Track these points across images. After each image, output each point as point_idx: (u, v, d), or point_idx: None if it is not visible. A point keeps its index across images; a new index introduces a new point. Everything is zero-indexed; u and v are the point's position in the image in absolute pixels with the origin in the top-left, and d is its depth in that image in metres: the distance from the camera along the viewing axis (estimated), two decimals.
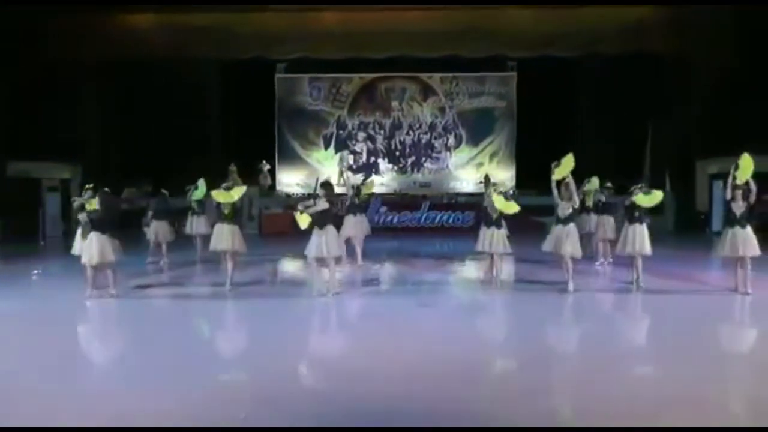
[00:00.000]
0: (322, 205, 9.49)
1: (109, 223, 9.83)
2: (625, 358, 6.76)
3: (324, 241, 9.45)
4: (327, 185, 9.85)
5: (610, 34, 19.45)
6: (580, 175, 12.75)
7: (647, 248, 10.22)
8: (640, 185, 10.80)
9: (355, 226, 13.61)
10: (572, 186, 9.88)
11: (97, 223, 9.59)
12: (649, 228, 10.41)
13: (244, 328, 8.63)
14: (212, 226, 11.12)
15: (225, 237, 10.30)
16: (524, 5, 19.55)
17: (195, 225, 13.85)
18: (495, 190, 10.61)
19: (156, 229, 13.40)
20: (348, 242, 14.01)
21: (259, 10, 19.38)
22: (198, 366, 6.34)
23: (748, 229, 9.60)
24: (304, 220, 9.43)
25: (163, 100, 21.18)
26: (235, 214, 10.51)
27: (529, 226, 13.37)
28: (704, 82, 20.17)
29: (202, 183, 13.37)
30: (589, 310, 9.46)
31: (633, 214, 10.34)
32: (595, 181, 13.07)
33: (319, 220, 9.53)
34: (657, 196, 10.39)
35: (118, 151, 20.61)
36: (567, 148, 20.61)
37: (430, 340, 7.33)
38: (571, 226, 9.90)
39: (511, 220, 10.87)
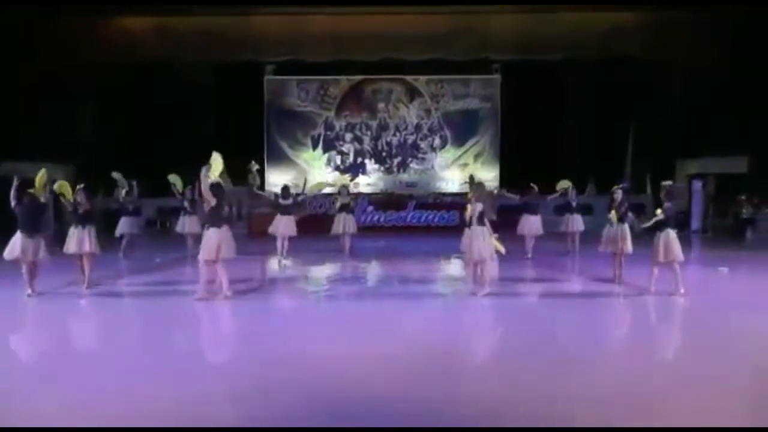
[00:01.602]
0: (211, 200, 9.40)
1: (33, 223, 9.86)
2: (613, 355, 6.95)
3: (209, 243, 9.39)
4: (217, 186, 9.70)
5: (592, 38, 19.79)
6: (560, 175, 13.16)
7: (629, 246, 10.56)
8: (621, 185, 11.13)
9: (343, 224, 14.27)
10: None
11: (21, 222, 9.73)
12: (631, 227, 10.72)
13: (232, 327, 8.71)
14: (203, 225, 11.26)
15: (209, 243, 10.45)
16: (508, 8, 19.84)
17: (187, 224, 14.10)
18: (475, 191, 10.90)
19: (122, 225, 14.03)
20: (338, 239, 14.44)
21: (249, 14, 19.56)
22: (183, 365, 6.44)
23: (668, 233, 9.77)
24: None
25: (155, 102, 21.40)
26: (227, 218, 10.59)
27: (512, 225, 13.72)
28: (683, 84, 20.61)
29: (173, 177, 14.02)
30: (571, 307, 9.67)
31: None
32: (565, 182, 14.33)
33: (211, 219, 9.52)
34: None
35: (110, 152, 20.71)
36: (549, 148, 21.17)
37: (414, 338, 7.43)
38: (475, 228, 9.78)
39: (495, 220, 11.14)
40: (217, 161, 9.80)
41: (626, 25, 19.76)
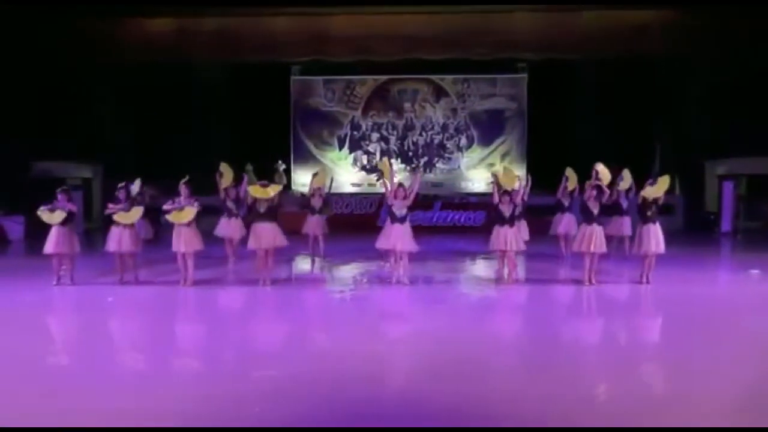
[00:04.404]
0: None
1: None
2: (637, 355, 6.94)
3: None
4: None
5: (619, 36, 19.57)
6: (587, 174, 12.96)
7: (661, 247, 10.50)
8: (650, 182, 11.01)
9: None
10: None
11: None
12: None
13: (255, 324, 8.85)
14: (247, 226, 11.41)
15: (265, 235, 10.42)
16: (535, 6, 19.74)
17: (230, 227, 12.73)
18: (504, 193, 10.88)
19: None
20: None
21: (275, 15, 19.68)
22: (209, 361, 6.64)
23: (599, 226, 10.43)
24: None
25: (182, 102, 21.62)
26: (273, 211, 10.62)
27: (540, 225, 13.65)
28: (713, 82, 20.32)
29: (224, 167, 12.94)
30: (598, 305, 9.71)
31: (646, 213, 10.57)
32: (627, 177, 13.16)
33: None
34: (663, 182, 10.61)
35: (137, 152, 21.00)
36: (576, 148, 21.00)
37: (441, 338, 7.49)
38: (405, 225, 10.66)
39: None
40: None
41: (654, 24, 19.52)
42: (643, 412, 5.03)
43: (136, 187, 12.15)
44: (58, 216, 10.40)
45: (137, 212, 10.72)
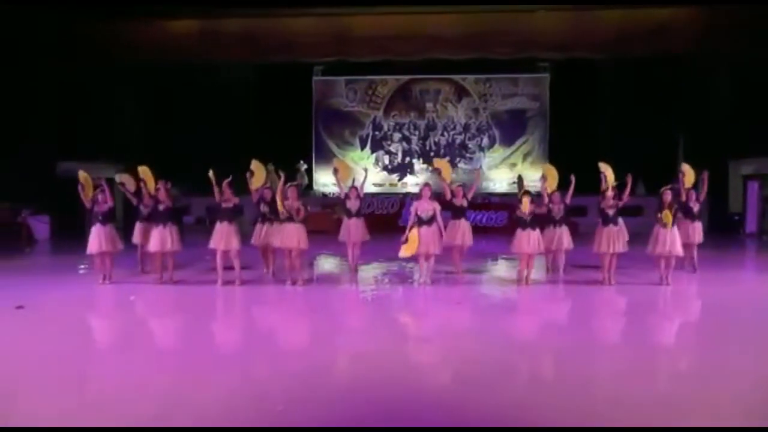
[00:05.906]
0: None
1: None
2: (648, 356, 6.88)
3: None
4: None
5: (641, 35, 19.39)
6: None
7: (679, 248, 10.40)
8: (670, 185, 10.93)
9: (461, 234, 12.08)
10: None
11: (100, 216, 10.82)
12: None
13: (280, 325, 8.87)
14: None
15: (290, 235, 10.40)
16: (557, 6, 19.65)
17: (269, 234, 11.34)
18: (524, 193, 10.88)
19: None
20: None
21: (297, 16, 19.77)
22: (232, 359, 6.72)
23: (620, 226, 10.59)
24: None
25: (204, 103, 21.84)
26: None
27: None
28: (735, 81, 20.10)
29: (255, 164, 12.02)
30: (616, 306, 9.68)
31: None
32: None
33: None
34: (689, 173, 11.08)
35: (160, 152, 21.22)
36: (599, 147, 20.89)
37: (461, 337, 7.56)
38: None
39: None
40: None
41: (676, 22, 19.32)
42: (653, 413, 5.01)
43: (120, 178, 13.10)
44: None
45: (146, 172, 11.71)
